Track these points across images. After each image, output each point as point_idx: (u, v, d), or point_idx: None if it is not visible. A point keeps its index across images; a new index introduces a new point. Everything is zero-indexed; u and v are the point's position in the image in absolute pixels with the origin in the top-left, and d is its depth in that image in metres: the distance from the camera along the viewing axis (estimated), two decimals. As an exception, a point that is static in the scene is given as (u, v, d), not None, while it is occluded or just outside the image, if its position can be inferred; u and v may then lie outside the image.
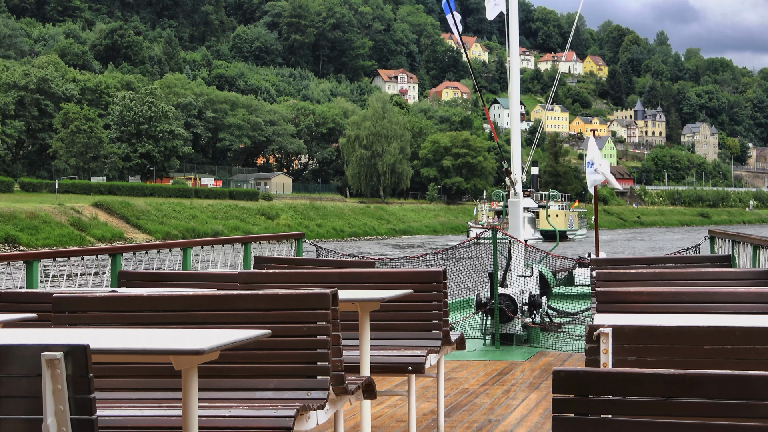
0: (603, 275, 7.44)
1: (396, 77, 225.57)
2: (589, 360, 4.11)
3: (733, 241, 12.48)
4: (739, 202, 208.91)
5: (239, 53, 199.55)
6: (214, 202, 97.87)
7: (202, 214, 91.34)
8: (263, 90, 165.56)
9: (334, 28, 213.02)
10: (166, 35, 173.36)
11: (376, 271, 7.21)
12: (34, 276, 8.46)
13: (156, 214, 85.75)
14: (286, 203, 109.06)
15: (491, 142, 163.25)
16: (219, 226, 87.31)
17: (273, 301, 4.92)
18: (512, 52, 13.51)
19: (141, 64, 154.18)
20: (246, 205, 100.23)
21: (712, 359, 3.99)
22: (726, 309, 5.70)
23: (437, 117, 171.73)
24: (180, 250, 11.16)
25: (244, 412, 4.60)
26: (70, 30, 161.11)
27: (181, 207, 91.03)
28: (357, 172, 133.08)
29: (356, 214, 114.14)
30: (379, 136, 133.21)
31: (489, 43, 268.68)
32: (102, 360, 3.92)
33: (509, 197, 13.19)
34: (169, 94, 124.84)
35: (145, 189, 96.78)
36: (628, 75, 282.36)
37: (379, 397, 7.87)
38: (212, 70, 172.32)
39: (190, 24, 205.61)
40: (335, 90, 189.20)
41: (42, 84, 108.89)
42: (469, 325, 12.85)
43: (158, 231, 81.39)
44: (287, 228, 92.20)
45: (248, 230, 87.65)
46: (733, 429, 3.12)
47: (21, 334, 4.03)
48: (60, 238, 68.74)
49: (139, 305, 5.01)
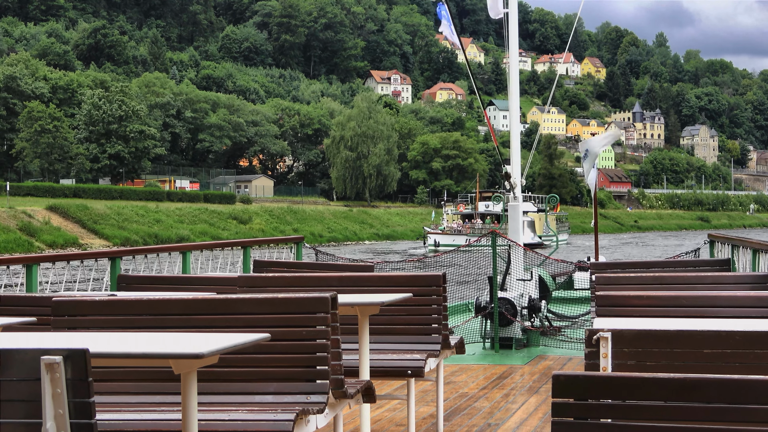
0: (602, 279, 7.44)
1: (389, 78, 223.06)
2: (588, 364, 4.11)
3: (733, 245, 12.49)
4: (740, 206, 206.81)
5: (228, 54, 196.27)
6: (183, 206, 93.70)
7: (168, 218, 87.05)
8: (252, 91, 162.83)
9: (325, 29, 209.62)
10: (152, 35, 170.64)
11: (376, 275, 7.22)
12: (34, 280, 8.46)
13: (116, 219, 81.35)
14: (262, 207, 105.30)
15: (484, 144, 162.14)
16: (185, 231, 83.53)
17: (272, 305, 4.92)
18: (512, 56, 13.52)
19: (125, 64, 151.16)
20: (218, 208, 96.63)
21: (712, 363, 3.99)
22: (726, 313, 5.70)
23: (428, 118, 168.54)
24: (179, 253, 11.17)
25: (243, 416, 4.60)
26: (52, 29, 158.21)
27: (145, 211, 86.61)
28: (342, 175, 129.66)
29: (337, 218, 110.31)
30: (365, 137, 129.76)
31: (485, 45, 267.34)
32: (101, 364, 3.92)
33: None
34: (147, 93, 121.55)
35: (113, 192, 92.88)
36: (627, 77, 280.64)
37: (378, 401, 7.87)
38: (200, 71, 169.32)
39: (178, 24, 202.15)
40: (326, 91, 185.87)
41: (10, 82, 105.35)
42: (468, 328, 12.85)
43: (117, 236, 76.93)
44: (261, 233, 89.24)
45: (217, 235, 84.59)
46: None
47: (20, 337, 4.03)
48: (5, 244, 64.19)
49: (139, 309, 5.01)
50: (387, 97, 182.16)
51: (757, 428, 3.08)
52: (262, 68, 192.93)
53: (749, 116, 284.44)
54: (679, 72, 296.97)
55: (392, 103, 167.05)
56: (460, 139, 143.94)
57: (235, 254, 12.49)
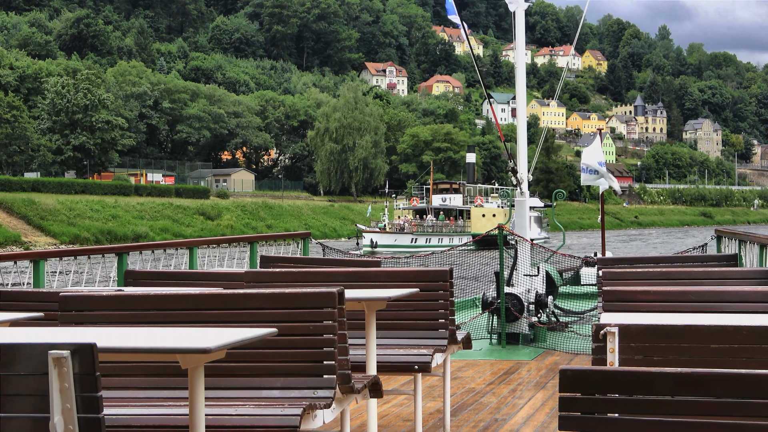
0: (609, 274, 7.44)
1: (384, 71, 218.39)
2: (595, 359, 4.12)
3: (740, 240, 12.49)
4: (744, 202, 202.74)
5: (218, 45, 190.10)
6: (146, 201, 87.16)
7: (126, 213, 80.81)
8: (242, 83, 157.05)
9: (318, 19, 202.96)
10: (138, 25, 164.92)
11: (383, 270, 7.22)
12: (41, 275, 8.48)
13: (67, 214, 74.93)
14: (234, 202, 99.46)
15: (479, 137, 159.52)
16: (143, 227, 77.95)
17: (279, 300, 4.93)
18: (518, 51, 13.52)
19: (108, 54, 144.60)
20: (184, 203, 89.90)
21: (719, 358, 3.99)
22: (733, 308, 5.70)
23: (420, 110, 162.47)
24: (186, 249, 11.19)
25: (250, 411, 4.61)
26: (35, 19, 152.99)
27: (102, 206, 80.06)
28: (326, 168, 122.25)
29: (316, 213, 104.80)
30: (351, 128, 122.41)
31: (484, 37, 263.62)
32: (109, 359, 3.93)
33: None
34: (122, 82, 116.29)
35: (76, 186, 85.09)
36: (629, 70, 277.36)
37: (385, 396, 7.88)
38: (188, 63, 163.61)
39: (168, 14, 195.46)
40: (318, 83, 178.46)
41: None
42: (475, 324, 12.85)
43: (65, 233, 70.61)
44: (229, 230, 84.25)
45: (180, 232, 79.17)
46: (739, 428, 3.12)
47: (28, 332, 4.04)
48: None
49: (146, 304, 5.02)
50: (377, 88, 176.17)
51: (764, 423, 3.07)
52: (253, 60, 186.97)
53: (753, 110, 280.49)
54: (682, 65, 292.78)
55: (383, 95, 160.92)
56: (452, 132, 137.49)
57: (242, 250, 12.49)
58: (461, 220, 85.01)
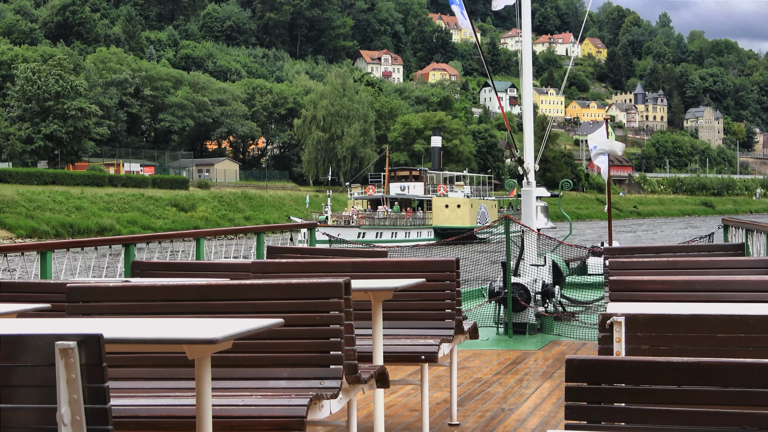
0: (616, 264, 7.44)
1: (379, 59, 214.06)
2: (602, 349, 4.12)
3: (747, 229, 12.47)
4: (746, 191, 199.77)
5: (210, 33, 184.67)
6: (115, 191, 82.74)
7: (92, 205, 76.40)
8: (233, 71, 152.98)
9: (312, 7, 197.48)
10: (126, 12, 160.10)
11: (389, 260, 7.22)
12: (48, 266, 8.50)
13: (26, 206, 70.42)
14: (212, 192, 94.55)
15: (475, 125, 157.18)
16: (109, 220, 73.66)
17: (286, 291, 4.93)
18: (524, 40, 13.52)
19: (95, 42, 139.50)
20: (157, 194, 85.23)
21: (726, 347, 3.99)
22: (740, 297, 5.70)
23: (413, 98, 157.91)
24: (193, 240, 11.21)
25: (257, 401, 4.62)
26: (20, 6, 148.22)
27: (65, 197, 75.52)
28: (314, 157, 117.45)
29: (299, 204, 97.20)
30: (339, 116, 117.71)
31: (482, 25, 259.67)
32: (115, 349, 3.94)
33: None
34: (102, 69, 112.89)
35: (46, 176, 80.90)
36: (629, 57, 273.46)
37: (392, 386, 7.88)
38: (179, 51, 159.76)
39: (158, 2, 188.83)
40: (312, 72, 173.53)
41: None
42: (482, 314, 12.86)
43: (23, 227, 66.55)
44: (204, 222, 79.90)
45: (149, 224, 75.37)
46: (746, 417, 3.12)
47: (35, 323, 4.04)
48: None
49: (153, 295, 5.03)
50: (369, 75, 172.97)
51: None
52: (245, 48, 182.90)
53: (755, 98, 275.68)
54: (683, 52, 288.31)
55: (375, 82, 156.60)
56: (445, 119, 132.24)
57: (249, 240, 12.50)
58: (420, 211, 76.42)
